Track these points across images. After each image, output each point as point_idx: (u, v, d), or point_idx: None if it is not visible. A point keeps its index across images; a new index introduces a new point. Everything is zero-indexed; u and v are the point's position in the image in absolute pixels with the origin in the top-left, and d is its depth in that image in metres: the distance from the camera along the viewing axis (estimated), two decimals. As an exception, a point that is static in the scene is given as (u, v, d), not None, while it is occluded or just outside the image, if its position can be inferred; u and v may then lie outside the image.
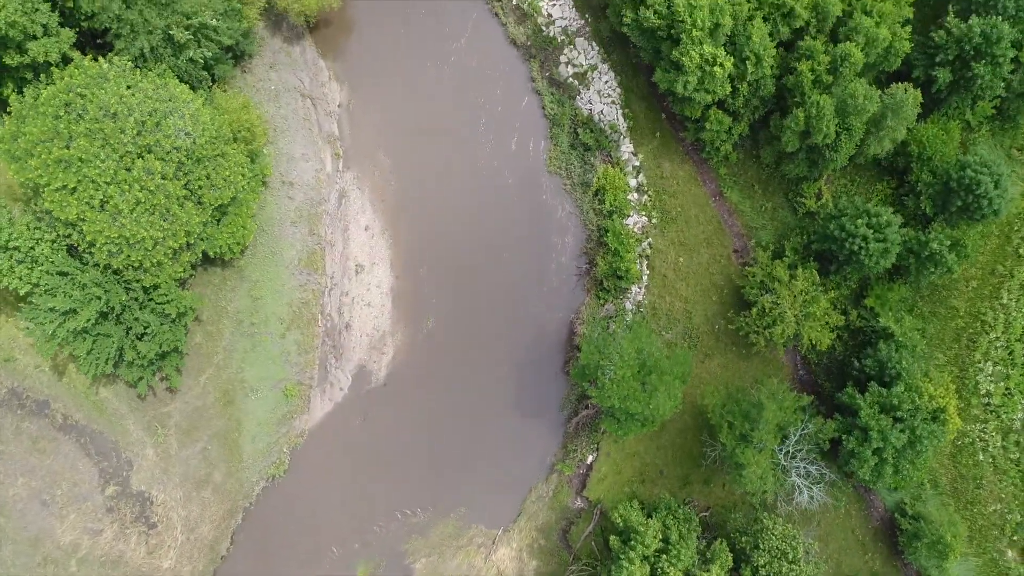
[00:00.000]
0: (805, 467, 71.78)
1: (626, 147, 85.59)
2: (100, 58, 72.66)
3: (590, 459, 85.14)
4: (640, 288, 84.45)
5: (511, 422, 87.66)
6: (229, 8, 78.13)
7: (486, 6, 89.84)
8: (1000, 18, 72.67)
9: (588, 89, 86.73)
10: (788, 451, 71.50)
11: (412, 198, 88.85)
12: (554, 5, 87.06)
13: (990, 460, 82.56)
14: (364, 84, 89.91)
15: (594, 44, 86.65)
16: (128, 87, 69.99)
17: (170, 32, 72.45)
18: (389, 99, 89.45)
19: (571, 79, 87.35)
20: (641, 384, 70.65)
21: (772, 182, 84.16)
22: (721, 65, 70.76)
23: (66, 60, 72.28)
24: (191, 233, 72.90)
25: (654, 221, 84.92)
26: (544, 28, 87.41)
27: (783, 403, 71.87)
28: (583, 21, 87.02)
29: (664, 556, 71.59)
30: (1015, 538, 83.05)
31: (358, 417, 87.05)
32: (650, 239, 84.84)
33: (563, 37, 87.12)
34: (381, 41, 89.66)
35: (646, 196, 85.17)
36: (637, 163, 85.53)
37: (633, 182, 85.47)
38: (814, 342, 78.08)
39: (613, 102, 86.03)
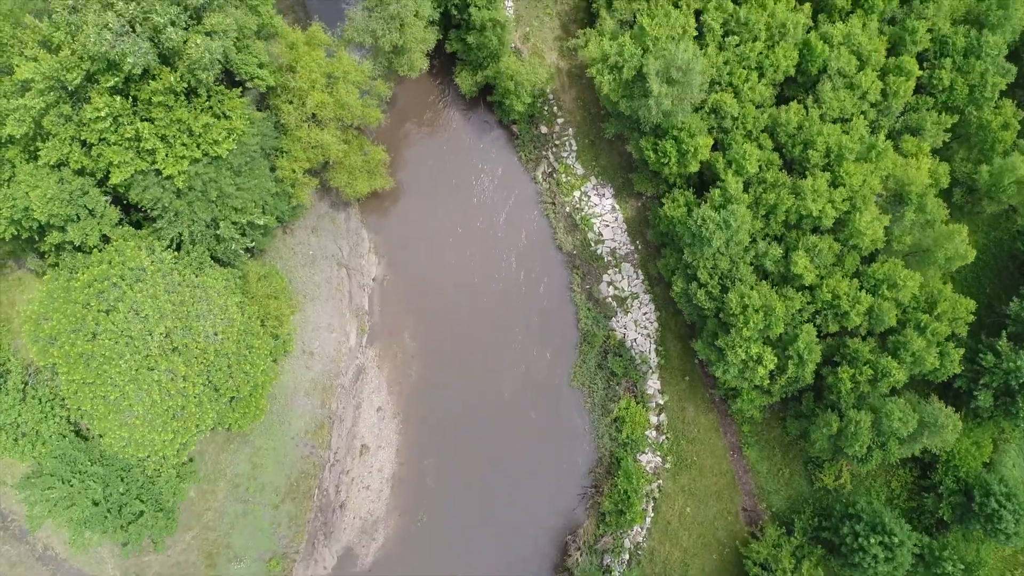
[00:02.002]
0: None
1: (653, 383, 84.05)
2: (139, 233, 71.53)
3: None
4: (642, 529, 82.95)
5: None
6: (280, 191, 76.88)
7: (539, 206, 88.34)
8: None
9: (626, 315, 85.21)
10: None
11: (430, 387, 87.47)
12: (607, 226, 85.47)
13: None
14: (403, 263, 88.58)
15: (640, 273, 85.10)
16: (163, 275, 68.79)
17: (216, 224, 71.16)
18: (425, 283, 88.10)
19: (610, 300, 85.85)
20: (625, 666, 69.33)
21: (793, 449, 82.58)
22: (764, 365, 69.13)
23: (105, 237, 71.03)
24: (202, 426, 71.73)
25: (668, 465, 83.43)
26: (592, 244, 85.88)
27: None
28: (633, 247, 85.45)
29: None
30: None
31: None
32: (661, 481, 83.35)
33: (610, 258, 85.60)
34: (428, 224, 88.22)
35: (664, 437, 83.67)
36: (661, 402, 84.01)
37: (654, 419, 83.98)
38: (807, 633, 76.66)
39: (648, 335, 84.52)
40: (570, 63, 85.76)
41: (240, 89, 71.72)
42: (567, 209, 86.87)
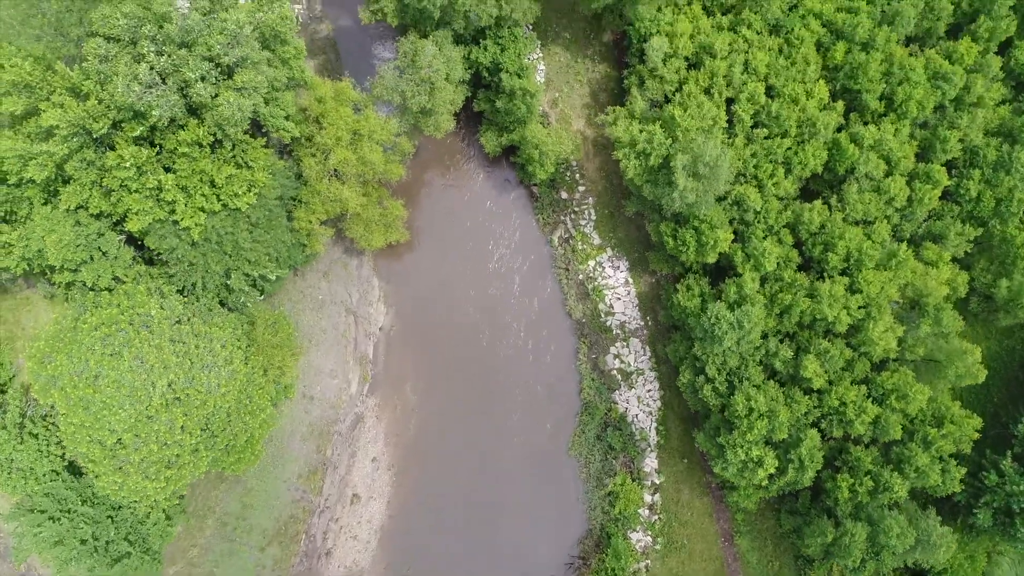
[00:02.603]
0: None
1: (651, 462, 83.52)
2: (151, 271, 71.28)
3: None
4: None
5: None
6: (295, 241, 76.56)
7: (553, 269, 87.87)
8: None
9: (630, 389, 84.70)
10: None
11: (427, 442, 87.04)
12: (619, 299, 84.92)
13: None
14: (412, 315, 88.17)
15: (647, 350, 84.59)
16: (171, 324, 68.53)
17: (228, 275, 70.88)
18: (432, 338, 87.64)
19: (615, 372, 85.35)
20: None
21: (785, 543, 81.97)
22: (765, 468, 68.54)
23: (117, 277, 70.72)
24: (196, 472, 71.40)
25: (658, 545, 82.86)
26: (602, 315, 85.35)
27: None
28: (643, 323, 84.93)
29: None
30: None
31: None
32: (649, 561, 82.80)
33: (619, 331, 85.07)
34: (441, 281, 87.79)
35: (657, 517, 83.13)
36: (657, 481, 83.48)
37: (648, 498, 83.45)
38: None
39: (650, 413, 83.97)
40: (596, 132, 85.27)
41: (264, 139, 71.47)
42: (580, 277, 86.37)
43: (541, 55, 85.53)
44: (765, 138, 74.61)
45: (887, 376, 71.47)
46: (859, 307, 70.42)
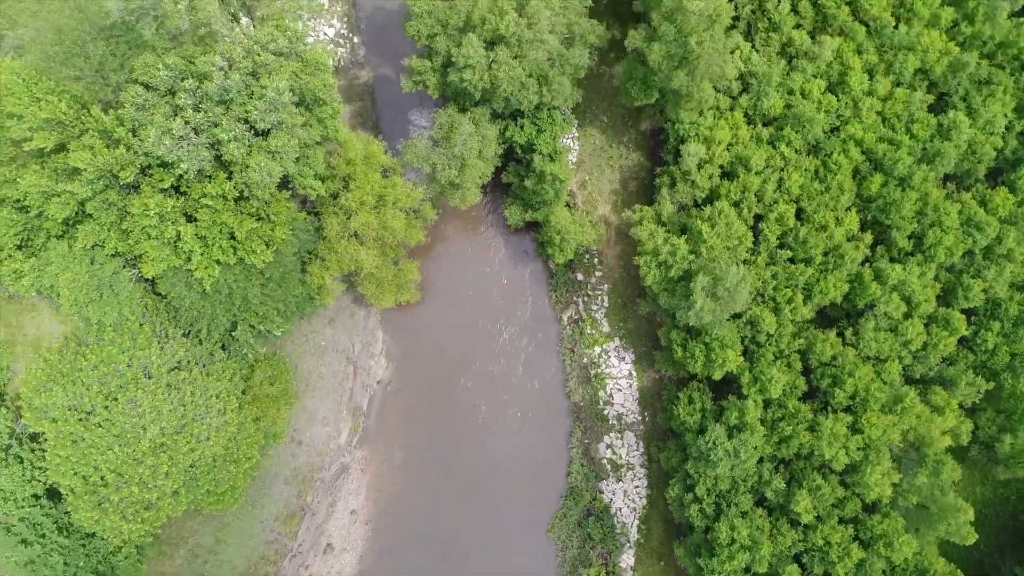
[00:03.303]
0: None
1: (628, 558, 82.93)
2: (159, 306, 71.15)
3: None
4: None
5: None
6: (305, 294, 76.30)
7: (559, 347, 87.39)
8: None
9: (617, 482, 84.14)
10: None
11: (408, 502, 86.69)
12: (619, 390, 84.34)
13: None
14: (411, 374, 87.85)
15: (641, 445, 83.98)
16: (168, 370, 68.37)
17: (234, 326, 70.68)
18: (429, 401, 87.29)
19: (606, 462, 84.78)
20: None
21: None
22: (740, 598, 68.03)
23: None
24: (174, 514, 71.26)
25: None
26: (601, 403, 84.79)
27: None
28: (640, 418, 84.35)
29: None
30: None
31: None
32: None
33: (615, 422, 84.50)
34: (446, 341, 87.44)
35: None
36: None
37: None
38: None
39: (634, 509, 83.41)
40: (620, 220, 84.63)
41: (289, 192, 71.20)
42: (584, 361, 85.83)
43: (577, 135, 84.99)
44: (788, 260, 73.93)
45: (877, 521, 70.70)
46: (858, 448, 69.67)
